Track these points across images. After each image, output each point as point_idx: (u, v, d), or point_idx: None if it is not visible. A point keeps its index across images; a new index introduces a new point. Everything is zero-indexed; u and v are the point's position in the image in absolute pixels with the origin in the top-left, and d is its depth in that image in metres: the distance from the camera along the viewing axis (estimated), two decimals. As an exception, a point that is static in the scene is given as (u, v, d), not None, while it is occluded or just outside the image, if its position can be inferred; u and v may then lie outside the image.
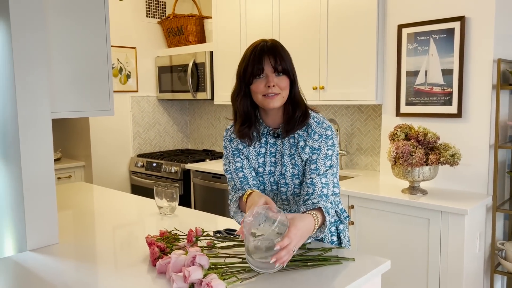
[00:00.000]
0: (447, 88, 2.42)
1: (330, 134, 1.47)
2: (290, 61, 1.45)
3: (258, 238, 1.20)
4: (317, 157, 1.45)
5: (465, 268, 2.14)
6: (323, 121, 1.49)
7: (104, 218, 2.04)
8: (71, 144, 4.03)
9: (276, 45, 1.45)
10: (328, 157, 1.46)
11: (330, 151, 1.46)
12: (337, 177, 1.49)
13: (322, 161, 1.45)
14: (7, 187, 1.62)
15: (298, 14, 3.00)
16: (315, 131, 1.47)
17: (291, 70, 1.44)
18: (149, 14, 4.13)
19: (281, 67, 1.42)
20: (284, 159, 1.51)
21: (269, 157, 1.54)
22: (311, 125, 1.48)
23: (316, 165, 1.45)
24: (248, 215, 1.21)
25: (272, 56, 1.41)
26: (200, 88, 3.78)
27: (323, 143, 1.46)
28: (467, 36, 2.34)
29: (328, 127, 1.48)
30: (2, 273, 1.39)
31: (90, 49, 1.76)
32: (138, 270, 1.36)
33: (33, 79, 1.53)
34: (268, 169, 1.54)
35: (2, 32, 1.52)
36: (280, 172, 1.52)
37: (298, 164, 1.49)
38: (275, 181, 1.54)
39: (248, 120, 1.51)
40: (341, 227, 1.61)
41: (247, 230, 1.19)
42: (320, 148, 1.46)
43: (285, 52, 1.45)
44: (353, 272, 1.32)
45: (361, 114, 3.13)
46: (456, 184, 2.45)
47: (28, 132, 1.53)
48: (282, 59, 1.42)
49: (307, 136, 1.47)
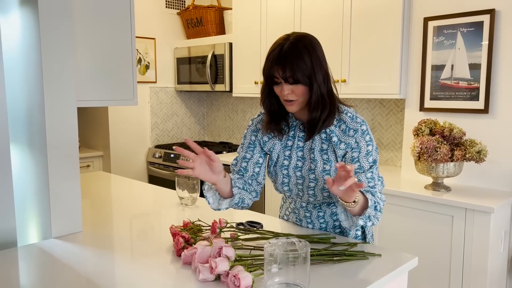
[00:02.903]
0: (473, 83, 2.36)
1: (366, 128, 1.43)
2: (309, 65, 1.34)
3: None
4: (358, 155, 1.41)
5: (489, 267, 2.09)
6: (357, 116, 1.45)
7: (124, 207, 2.04)
8: (90, 134, 4.06)
9: (290, 50, 1.34)
10: (369, 153, 1.42)
11: (370, 147, 1.42)
12: (378, 172, 1.45)
13: (364, 158, 1.41)
14: (32, 175, 1.63)
15: (321, 6, 2.95)
16: (350, 126, 1.43)
17: (308, 76, 1.34)
18: (168, 5, 4.12)
19: (292, 79, 1.34)
20: (314, 154, 1.47)
21: (296, 151, 1.51)
22: (345, 121, 1.44)
23: (359, 163, 1.41)
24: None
25: (281, 67, 1.34)
26: (218, 80, 3.76)
27: (360, 139, 1.41)
28: (497, 30, 2.27)
29: (363, 122, 1.44)
30: (28, 259, 1.40)
31: (115, 39, 1.75)
32: (162, 260, 1.36)
33: (59, 68, 1.53)
34: (294, 163, 1.51)
35: (30, 21, 1.52)
36: (309, 167, 1.48)
37: (331, 160, 1.45)
38: (302, 175, 1.51)
39: (275, 117, 1.49)
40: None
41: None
42: (359, 145, 1.41)
43: (302, 57, 1.33)
44: (380, 268, 1.30)
45: (383, 108, 3.08)
46: (481, 181, 2.40)
47: (54, 120, 1.53)
48: (294, 69, 1.33)
49: (341, 132, 1.43)
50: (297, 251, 1.07)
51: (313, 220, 1.60)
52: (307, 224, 1.62)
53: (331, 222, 1.58)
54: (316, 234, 1.51)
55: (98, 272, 1.27)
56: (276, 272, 1.08)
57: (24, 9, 1.55)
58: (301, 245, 1.09)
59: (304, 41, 1.37)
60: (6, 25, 1.66)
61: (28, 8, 1.52)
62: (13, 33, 1.64)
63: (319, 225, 1.60)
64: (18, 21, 1.60)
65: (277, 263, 1.07)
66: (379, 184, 1.43)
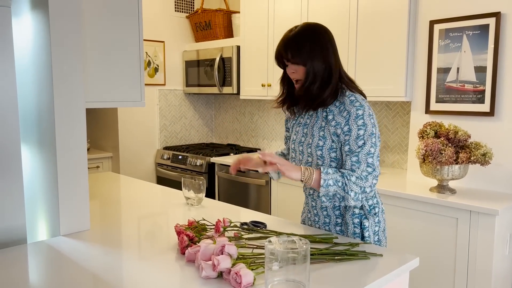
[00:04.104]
0: (479, 86, 2.37)
1: (361, 114, 1.49)
2: (308, 49, 1.51)
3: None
4: (349, 138, 1.50)
5: (493, 269, 2.09)
6: (358, 100, 1.51)
7: (131, 207, 2.08)
8: (100, 135, 4.12)
9: (293, 36, 1.54)
10: (359, 137, 1.48)
11: (361, 131, 1.48)
12: (375, 159, 1.49)
13: (354, 142, 1.49)
14: (42, 173, 1.67)
15: (328, 10, 2.98)
16: (346, 108, 1.52)
17: (306, 58, 1.51)
18: (177, 8, 4.18)
19: (292, 61, 1.54)
20: (313, 130, 1.60)
21: (303, 127, 1.66)
22: (345, 102, 1.53)
23: (348, 146, 1.50)
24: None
25: (284, 50, 1.55)
26: (226, 82, 3.80)
27: (352, 123, 1.49)
28: (502, 33, 2.28)
29: (360, 107, 1.50)
30: (36, 256, 1.43)
31: (123, 41, 1.80)
32: (167, 258, 1.39)
33: (69, 69, 1.57)
34: (299, 138, 1.66)
35: (41, 24, 1.57)
36: (308, 142, 1.61)
37: (326, 137, 1.56)
38: (302, 150, 1.63)
39: (285, 94, 1.68)
40: (366, 223, 1.57)
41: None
42: (350, 129, 1.49)
43: (302, 42, 1.52)
44: (381, 267, 1.31)
45: (389, 111, 3.09)
46: (486, 184, 2.39)
47: (63, 120, 1.57)
48: (292, 53, 1.52)
49: (337, 112, 1.54)
50: (297, 249, 1.09)
51: (318, 212, 1.67)
52: (314, 216, 1.68)
53: (333, 218, 1.63)
54: (319, 234, 1.53)
55: (105, 268, 1.31)
56: (277, 270, 1.10)
57: (35, 13, 1.60)
58: (302, 243, 1.11)
59: (307, 28, 1.56)
60: (18, 28, 1.71)
61: (39, 11, 1.57)
62: (25, 36, 1.69)
63: (323, 219, 1.65)
64: (29, 24, 1.65)
65: (277, 261, 1.10)
66: (366, 171, 1.47)
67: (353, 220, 1.58)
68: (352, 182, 1.45)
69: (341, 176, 1.46)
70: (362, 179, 1.46)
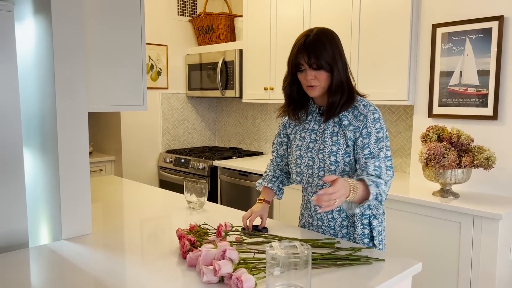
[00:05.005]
0: (482, 90, 2.36)
1: (378, 117, 1.53)
2: (331, 54, 1.50)
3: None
4: (368, 141, 1.51)
5: (497, 274, 2.08)
6: (371, 105, 1.55)
7: (134, 211, 2.08)
8: (103, 138, 4.13)
9: (314, 40, 1.50)
10: (379, 139, 1.51)
11: (380, 134, 1.52)
12: (390, 161, 1.53)
13: (374, 144, 1.51)
14: (44, 177, 1.68)
15: (330, 14, 2.98)
16: (362, 112, 1.53)
17: (330, 63, 1.50)
18: (180, 12, 4.19)
19: (316, 65, 1.50)
20: (325, 136, 1.58)
21: (310, 133, 1.63)
22: (358, 107, 1.54)
23: (369, 149, 1.51)
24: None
25: (307, 54, 1.50)
26: (229, 86, 3.80)
27: (371, 126, 1.51)
28: (505, 36, 2.27)
29: (375, 110, 1.54)
30: (38, 260, 1.43)
31: (125, 45, 1.80)
32: (168, 262, 1.39)
33: (71, 73, 1.58)
34: (306, 144, 1.63)
35: (44, 28, 1.57)
36: (319, 148, 1.58)
37: (340, 142, 1.55)
38: (312, 156, 1.61)
39: (293, 103, 1.64)
40: (374, 222, 1.59)
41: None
42: (370, 132, 1.51)
43: (325, 46, 1.50)
44: (383, 273, 1.31)
45: (392, 114, 3.08)
46: (489, 188, 2.38)
47: (66, 124, 1.58)
48: (318, 56, 1.49)
49: (352, 117, 1.54)
50: (299, 254, 1.09)
51: (322, 215, 1.64)
52: (317, 221, 1.66)
53: (339, 221, 1.62)
54: (321, 239, 1.53)
55: (107, 273, 1.30)
56: (279, 275, 1.10)
57: (38, 17, 1.61)
58: (303, 248, 1.11)
59: (326, 33, 1.55)
60: (21, 32, 1.72)
61: (42, 16, 1.57)
62: (28, 40, 1.69)
63: (328, 223, 1.64)
64: (32, 28, 1.66)
65: (279, 266, 1.09)
66: (386, 175, 1.50)
67: (362, 221, 1.58)
68: (382, 191, 1.46)
69: (376, 187, 1.44)
70: (386, 184, 1.49)
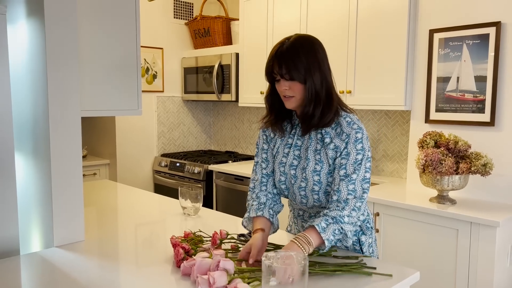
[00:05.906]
0: (479, 96, 2.35)
1: (360, 137, 1.41)
2: (305, 64, 1.38)
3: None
4: (346, 162, 1.40)
5: (495, 282, 2.06)
6: (355, 122, 1.44)
7: (128, 216, 2.05)
8: (97, 142, 4.09)
9: (287, 50, 1.39)
10: (357, 162, 1.40)
11: (360, 156, 1.40)
12: (368, 183, 1.43)
13: (351, 166, 1.40)
14: (36, 183, 1.65)
15: (327, 18, 2.97)
16: (344, 130, 1.42)
17: (303, 74, 1.38)
18: (176, 15, 4.17)
19: (288, 76, 1.39)
20: (308, 153, 1.48)
21: (294, 149, 1.52)
22: (341, 124, 1.44)
23: (345, 170, 1.40)
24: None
25: (278, 64, 1.40)
26: (225, 89, 3.78)
27: (351, 147, 1.41)
28: (503, 42, 2.26)
29: (359, 129, 1.42)
30: (29, 268, 1.40)
31: (120, 49, 1.77)
32: (162, 270, 1.36)
33: (64, 77, 1.55)
34: (290, 161, 1.52)
35: (37, 31, 1.55)
36: (303, 166, 1.48)
37: (323, 161, 1.45)
38: (295, 174, 1.50)
39: (275, 113, 1.52)
40: (363, 238, 1.55)
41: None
42: (349, 153, 1.40)
43: (298, 56, 1.38)
44: (380, 282, 1.28)
45: (388, 119, 3.07)
46: (487, 194, 2.37)
47: (58, 129, 1.55)
48: (289, 66, 1.38)
49: (334, 135, 1.44)
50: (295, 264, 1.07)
51: None
52: None
53: None
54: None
55: (99, 281, 1.27)
56: (275, 285, 1.08)
57: (31, 20, 1.58)
58: (300, 258, 1.09)
59: (302, 41, 1.42)
60: (13, 35, 1.69)
61: (35, 19, 1.55)
62: (20, 43, 1.67)
63: None
64: (25, 31, 1.63)
65: (275, 276, 1.07)
66: (360, 198, 1.40)
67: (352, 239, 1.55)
68: (346, 223, 1.35)
69: (335, 223, 1.34)
70: (356, 210, 1.38)
